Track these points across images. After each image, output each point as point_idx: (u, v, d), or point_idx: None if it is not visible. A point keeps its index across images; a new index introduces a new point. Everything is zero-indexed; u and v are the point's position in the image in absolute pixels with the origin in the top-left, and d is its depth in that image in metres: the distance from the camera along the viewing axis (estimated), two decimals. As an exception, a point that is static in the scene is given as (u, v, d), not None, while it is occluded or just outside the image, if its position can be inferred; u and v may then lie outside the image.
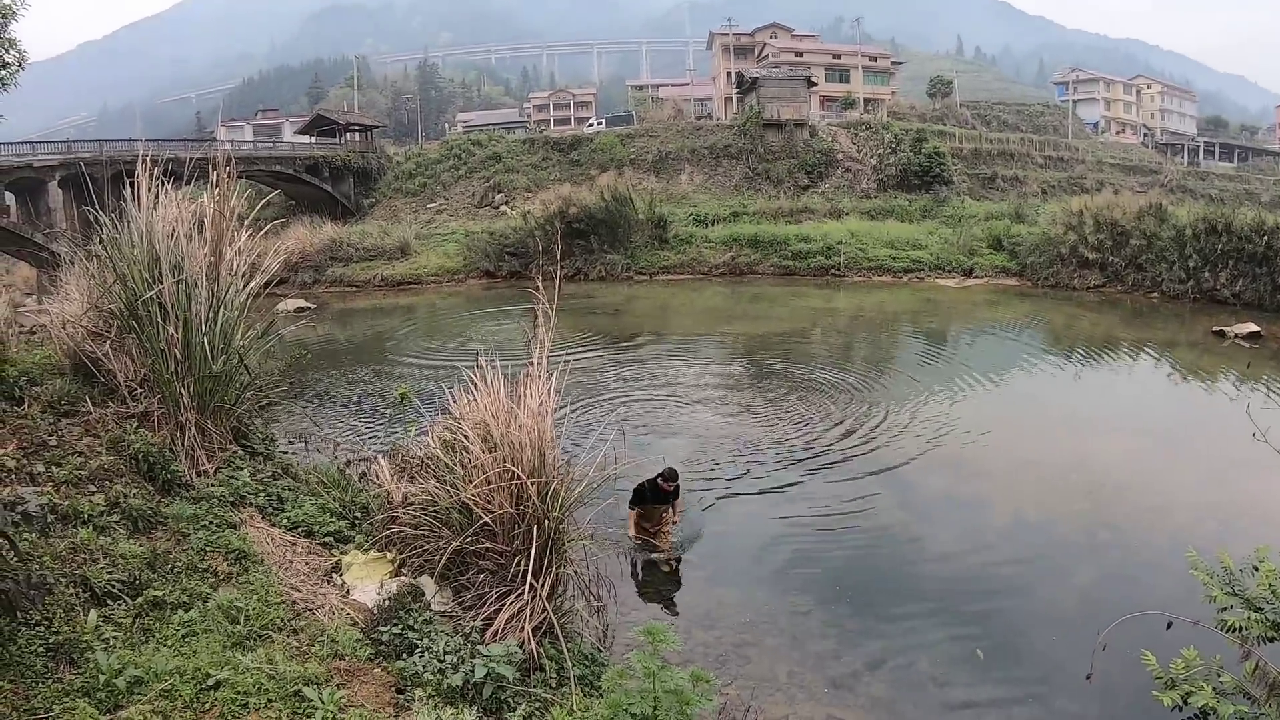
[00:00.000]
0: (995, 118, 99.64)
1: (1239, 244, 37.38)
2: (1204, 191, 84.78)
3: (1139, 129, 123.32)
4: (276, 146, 73.24)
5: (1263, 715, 5.43)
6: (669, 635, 5.96)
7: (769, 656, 9.88)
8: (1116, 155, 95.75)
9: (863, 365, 26.06)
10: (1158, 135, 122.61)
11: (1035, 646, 10.36)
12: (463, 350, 9.61)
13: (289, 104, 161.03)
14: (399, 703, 5.89)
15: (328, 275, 47.67)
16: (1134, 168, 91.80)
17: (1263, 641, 5.81)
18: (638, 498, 12.06)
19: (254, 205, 10.79)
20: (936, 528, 13.74)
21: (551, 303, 8.32)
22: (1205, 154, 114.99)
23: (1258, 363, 26.59)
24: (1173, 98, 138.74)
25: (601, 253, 48.07)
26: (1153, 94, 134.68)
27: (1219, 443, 17.13)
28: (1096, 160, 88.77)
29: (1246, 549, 6.59)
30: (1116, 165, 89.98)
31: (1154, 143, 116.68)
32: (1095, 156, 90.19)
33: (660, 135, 72.06)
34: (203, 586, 6.57)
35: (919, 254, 48.27)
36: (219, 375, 9.22)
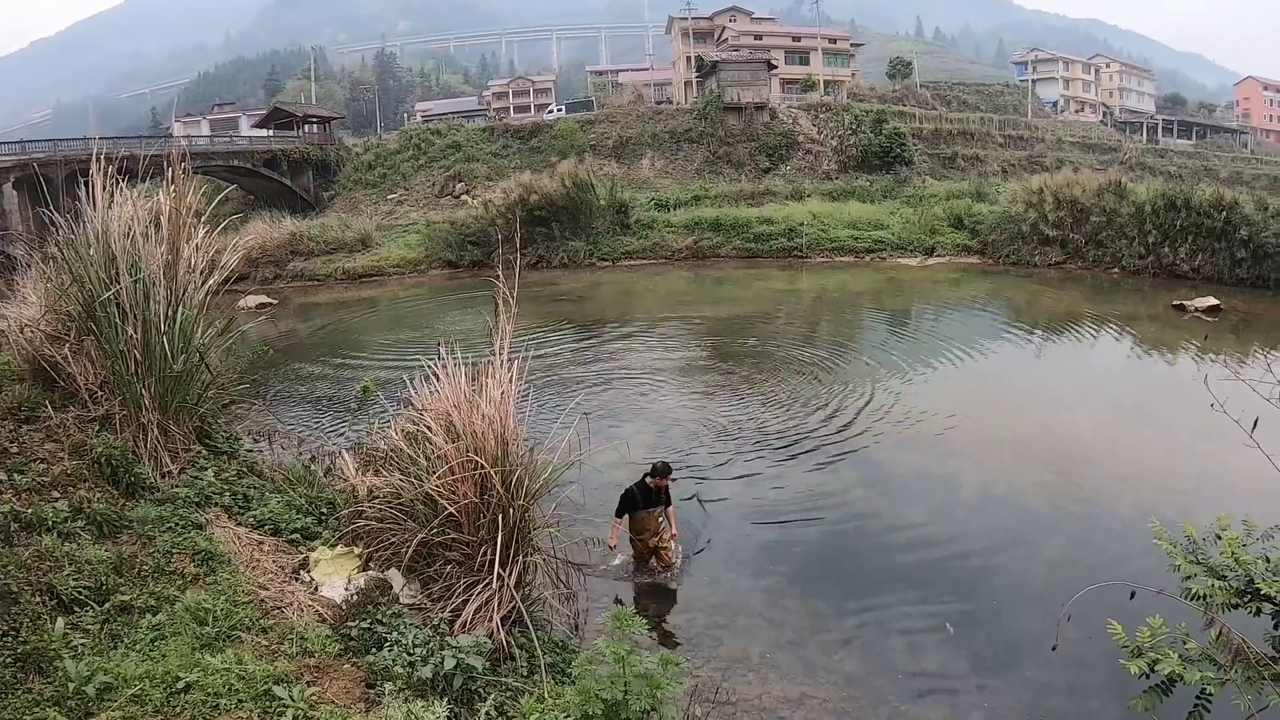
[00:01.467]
0: (955, 98, 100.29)
1: (1198, 219, 38.06)
2: (1163, 168, 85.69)
3: (1098, 108, 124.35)
4: (233, 141, 72.16)
5: (1228, 680, 5.55)
6: (636, 620, 6.02)
7: (741, 637, 9.98)
8: (1076, 134, 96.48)
9: (828, 346, 26.20)
10: (1116, 113, 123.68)
11: (1005, 619, 10.53)
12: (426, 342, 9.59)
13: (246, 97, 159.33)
14: (369, 697, 5.90)
15: (288, 270, 47.13)
16: (1093, 146, 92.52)
17: (1226, 609, 5.91)
18: (627, 504, 11.08)
19: (211, 201, 10.71)
20: (905, 505, 13.89)
21: (512, 291, 8.33)
22: (1164, 132, 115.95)
23: (1218, 335, 27.03)
24: (1131, 76, 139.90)
25: (564, 240, 47.83)
26: (1111, 73, 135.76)
27: (1181, 414, 17.40)
28: (1056, 139, 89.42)
29: (1210, 518, 6.73)
30: (1076, 143, 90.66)
31: (1113, 121, 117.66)
32: (1055, 135, 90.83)
33: (620, 121, 71.80)
34: (170, 589, 6.54)
35: (881, 234, 48.57)
36: (180, 375, 9.13)
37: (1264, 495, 7.53)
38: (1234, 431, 5.34)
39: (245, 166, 63.20)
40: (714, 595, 10.83)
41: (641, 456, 15.06)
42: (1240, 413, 5.34)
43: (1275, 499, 6.44)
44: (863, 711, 8.61)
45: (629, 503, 11.06)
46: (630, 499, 11.06)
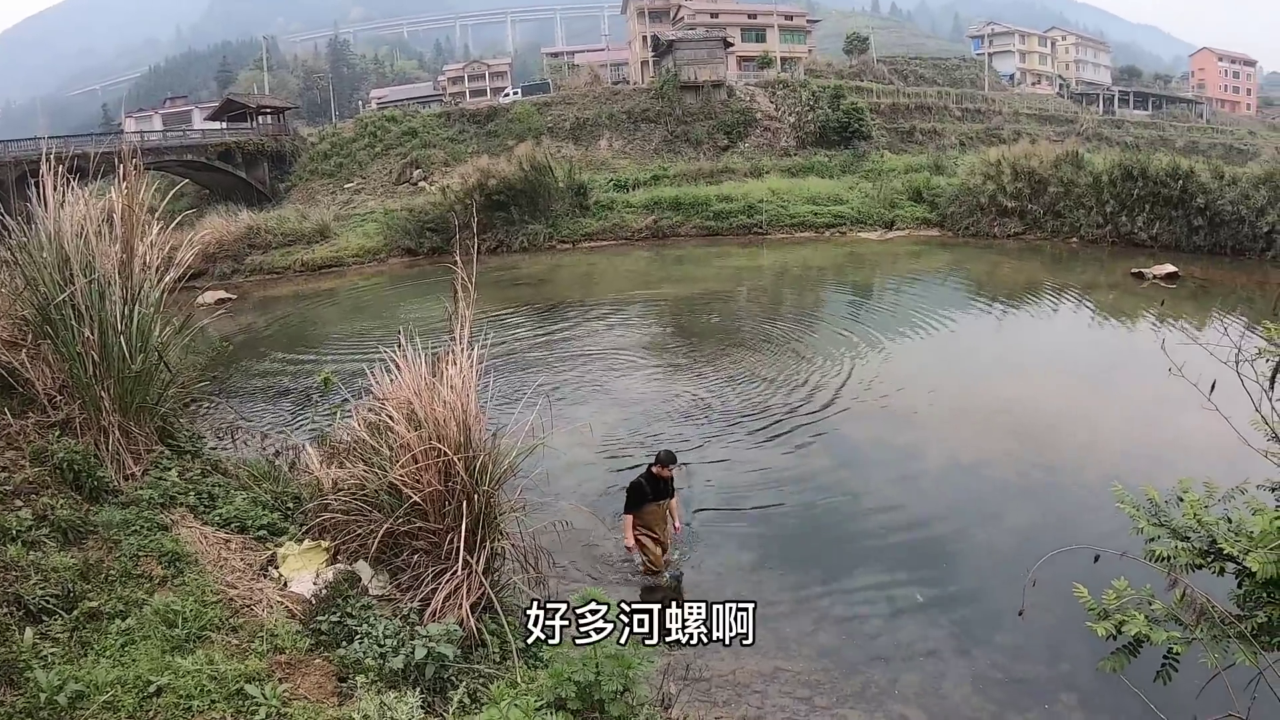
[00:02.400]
0: (912, 72, 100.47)
1: (1155, 188, 38.60)
2: (1119, 139, 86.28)
3: (1054, 80, 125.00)
4: (186, 135, 70.93)
5: (1194, 640, 5.62)
6: (604, 600, 6.04)
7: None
8: (1033, 106, 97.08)
9: (790, 321, 26.34)
10: (1073, 86, 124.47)
11: (973, 586, 10.69)
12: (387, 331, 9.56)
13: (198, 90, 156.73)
14: (342, 691, 5.87)
15: (247, 264, 46.37)
16: (1050, 118, 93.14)
17: (1190, 569, 5.96)
18: (638, 498, 10.40)
19: (165, 197, 10.57)
20: (872, 478, 14.03)
21: (471, 277, 8.28)
22: (1120, 103, 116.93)
23: (1177, 301, 27.42)
24: (1087, 49, 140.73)
25: (523, 223, 47.63)
26: (1067, 45, 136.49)
27: (1141, 380, 17.61)
28: (1013, 111, 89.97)
29: (1172, 481, 6.81)
30: (1033, 116, 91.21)
31: (1069, 93, 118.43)
32: (1012, 108, 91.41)
33: (577, 102, 71.50)
34: (138, 593, 6.47)
35: (840, 209, 48.79)
36: (139, 375, 8.96)
37: (1224, 457, 7.63)
38: (1193, 395, 5.41)
39: (199, 161, 62.24)
40: (685, 573, 10.87)
41: (603, 436, 15.17)
42: (1198, 376, 5.41)
43: (1235, 461, 6.52)
44: (836, 683, 8.70)
45: (640, 496, 10.41)
46: (640, 492, 10.41)
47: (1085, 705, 8.31)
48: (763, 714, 8.23)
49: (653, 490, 10.45)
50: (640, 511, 10.43)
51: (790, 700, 8.45)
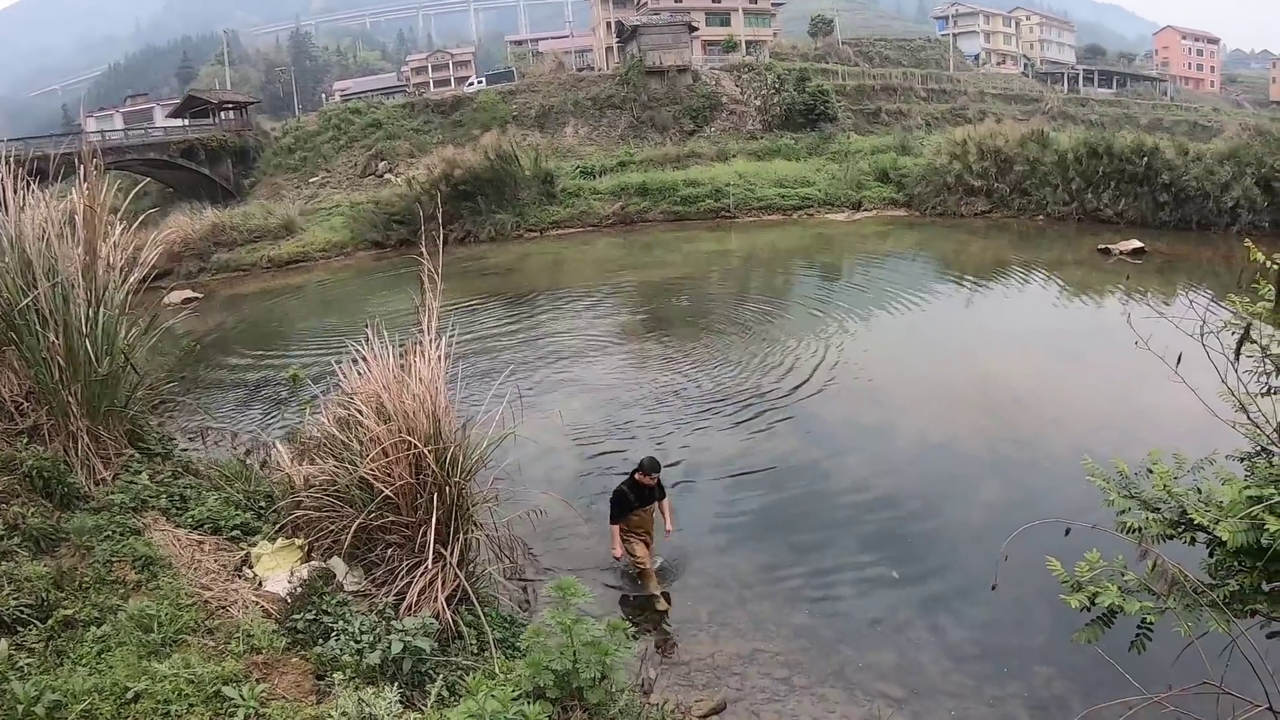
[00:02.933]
0: (878, 54, 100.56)
1: (1120, 165, 39.05)
2: (1084, 117, 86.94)
3: (1019, 59, 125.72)
4: (148, 133, 69.80)
5: (1167, 609, 5.67)
6: (579, 588, 6.04)
7: (690, 597, 10.09)
8: (998, 85, 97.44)
9: (760, 305, 26.40)
10: (1038, 65, 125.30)
11: (947, 562, 10.77)
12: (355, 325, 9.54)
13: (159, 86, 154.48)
14: (320, 689, 5.86)
15: (213, 262, 45.79)
16: (1015, 97, 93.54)
17: (1161, 540, 6.02)
18: (622, 507, 10.12)
19: (128, 197, 10.44)
20: (845, 457, 14.10)
21: (438, 268, 8.23)
22: (1085, 81, 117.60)
23: (1143, 276, 27.69)
24: (1051, 28, 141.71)
25: (490, 213, 47.41)
26: (1031, 25, 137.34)
27: (1109, 355, 17.73)
28: (979, 91, 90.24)
29: (1141, 454, 6.87)
30: (998, 95, 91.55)
31: (1034, 72, 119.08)
32: (977, 87, 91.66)
33: (542, 90, 71.17)
34: (113, 599, 6.43)
35: (807, 191, 48.96)
36: (106, 378, 8.87)
37: (1193, 429, 7.70)
38: (1161, 369, 5.45)
39: (162, 159, 61.55)
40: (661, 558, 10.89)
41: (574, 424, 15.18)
42: (1165, 349, 5.45)
43: (1203, 432, 6.58)
44: (814, 662, 8.76)
45: (624, 505, 10.15)
46: (623, 500, 10.14)
47: (1062, 676, 8.39)
48: (742, 695, 8.27)
49: (637, 497, 10.16)
50: (625, 520, 10.18)
51: (769, 681, 8.49)
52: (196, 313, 30.14)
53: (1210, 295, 21.71)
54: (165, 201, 57.61)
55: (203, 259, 45.79)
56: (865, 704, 8.11)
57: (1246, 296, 6.53)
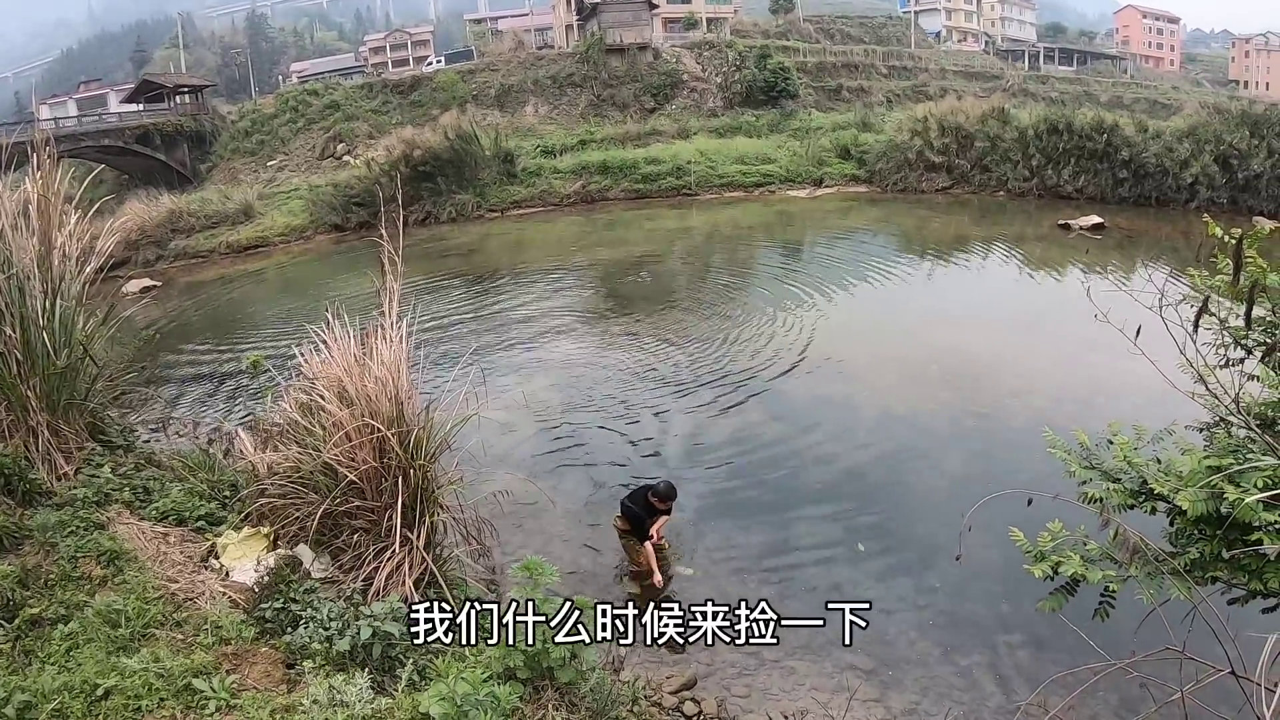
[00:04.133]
0: (839, 31, 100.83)
1: (1080, 142, 39.53)
2: (1045, 94, 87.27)
3: (980, 37, 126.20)
4: (103, 119, 68.44)
5: (1130, 577, 5.75)
6: (546, 567, 6.03)
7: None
8: (959, 63, 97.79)
9: (722, 281, 26.55)
10: (999, 42, 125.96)
11: (913, 534, 10.90)
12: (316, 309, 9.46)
13: (113, 71, 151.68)
14: (290, 678, 5.85)
15: (171, 249, 44.92)
16: (976, 74, 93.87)
17: (1122, 510, 6.11)
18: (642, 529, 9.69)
19: (83, 185, 10.29)
20: (809, 432, 14.17)
21: (398, 250, 8.17)
22: (1045, 59, 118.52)
23: (1103, 251, 28.02)
24: (1013, 6, 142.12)
25: (450, 194, 46.94)
26: (993, 2, 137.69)
27: (1069, 328, 17.91)
28: (940, 68, 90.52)
29: (1102, 425, 6.97)
30: (959, 72, 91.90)
31: (995, 50, 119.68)
32: (938, 65, 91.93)
33: (502, 69, 70.66)
34: (79, 595, 6.39)
35: (769, 168, 48.90)
36: (65, 371, 8.73)
37: (1152, 400, 7.82)
38: (1121, 342, 5.50)
39: (117, 145, 60.49)
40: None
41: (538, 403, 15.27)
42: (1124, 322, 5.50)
43: (1163, 404, 6.66)
44: (782, 636, 8.81)
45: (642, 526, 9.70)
46: (641, 524, 9.69)
47: (1027, 645, 8.52)
48: (712, 670, 8.33)
49: (647, 514, 9.76)
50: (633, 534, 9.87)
51: (739, 656, 8.54)
52: (155, 301, 29.81)
53: (1169, 269, 22.01)
54: (121, 189, 56.72)
55: (160, 246, 45.04)
56: (834, 675, 8.20)
57: (1205, 270, 6.63)
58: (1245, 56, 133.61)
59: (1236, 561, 5.49)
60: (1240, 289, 5.89)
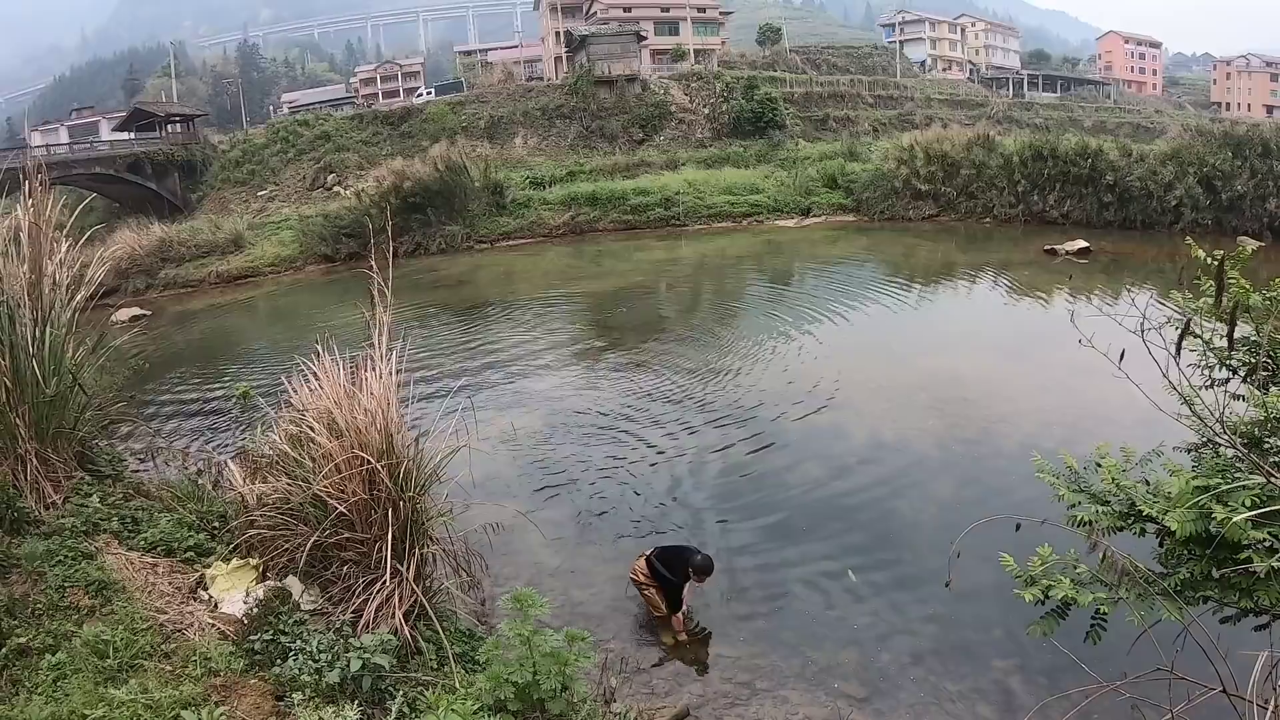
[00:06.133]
0: (825, 61, 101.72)
1: (1065, 167, 40.00)
2: (1029, 121, 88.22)
3: (965, 65, 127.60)
4: (94, 147, 68.73)
5: (1120, 600, 5.76)
6: (536, 599, 6.02)
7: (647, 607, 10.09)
8: (944, 91, 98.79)
9: (711, 311, 26.63)
10: (983, 70, 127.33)
11: (903, 561, 10.85)
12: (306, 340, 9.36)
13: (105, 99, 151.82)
14: (279, 710, 5.81)
15: (160, 278, 45.07)
16: (961, 102, 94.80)
17: (1111, 532, 6.14)
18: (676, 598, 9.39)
19: (74, 212, 10.30)
20: (798, 460, 14.13)
21: (387, 281, 8.18)
22: (1029, 86, 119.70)
23: (1089, 275, 28.21)
24: (996, 34, 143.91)
25: (440, 225, 47.14)
26: (977, 31, 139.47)
27: (1057, 353, 17.92)
28: (925, 97, 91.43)
29: (1089, 449, 7.00)
30: (944, 101, 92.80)
31: (980, 78, 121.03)
32: (924, 94, 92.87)
33: (491, 100, 71.23)
34: (67, 625, 6.34)
35: (757, 198, 49.31)
36: (54, 399, 8.69)
37: (1139, 423, 7.82)
38: (1106, 366, 5.53)
39: (108, 173, 60.67)
40: (617, 567, 10.87)
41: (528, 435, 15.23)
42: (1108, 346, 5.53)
43: (1149, 426, 6.68)
44: (775, 665, 8.79)
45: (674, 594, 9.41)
46: (674, 590, 9.39)
47: (1019, 669, 8.49)
48: (705, 701, 8.29)
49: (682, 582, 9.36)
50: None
51: (731, 686, 8.51)
52: (145, 330, 29.71)
53: (1154, 292, 22.13)
54: (111, 217, 56.72)
55: (150, 275, 45.08)
56: (827, 704, 8.15)
57: (1189, 292, 6.68)
58: (1227, 79, 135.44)
59: (1227, 580, 5.51)
60: (1223, 310, 5.94)
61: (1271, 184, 35.10)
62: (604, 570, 10.82)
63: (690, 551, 9.50)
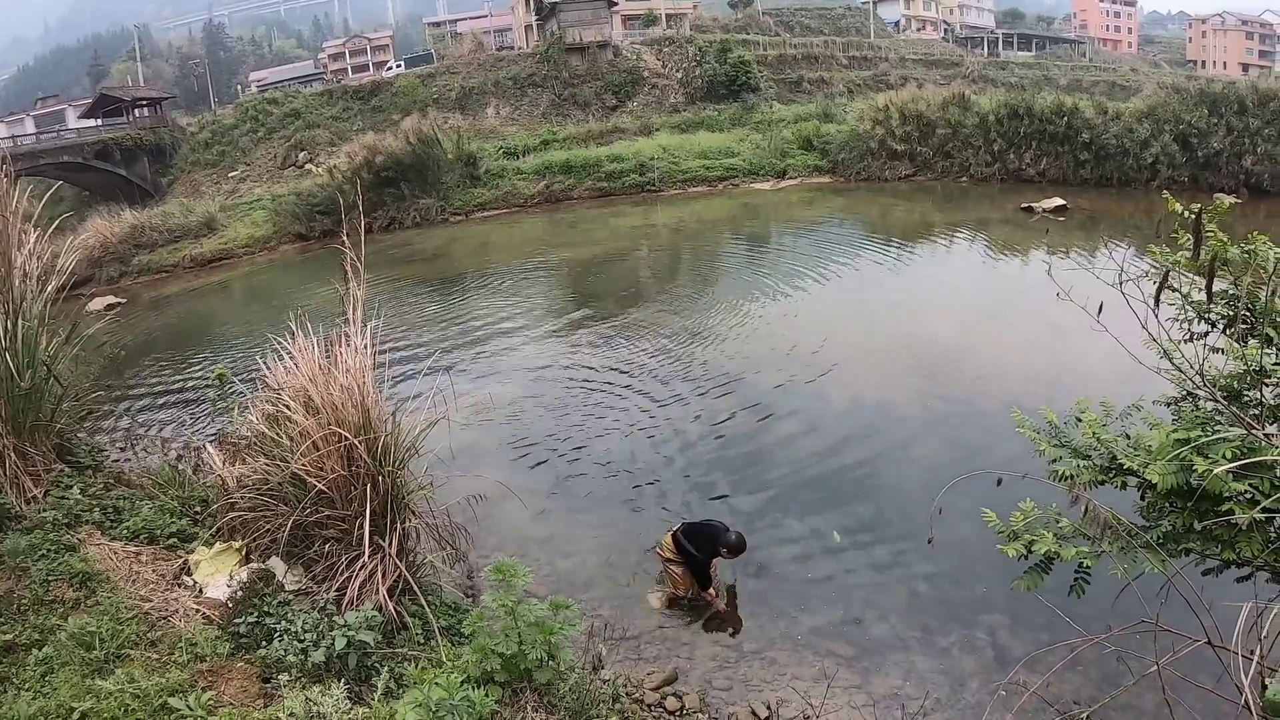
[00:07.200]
0: (798, 23, 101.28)
1: (1040, 126, 40.16)
2: (1004, 80, 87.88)
3: (939, 25, 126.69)
4: (61, 136, 67.70)
5: (1103, 553, 5.79)
6: (518, 569, 6.01)
7: (636, 571, 10.19)
8: (919, 51, 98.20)
9: (689, 276, 26.63)
10: (957, 30, 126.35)
11: (887, 519, 10.95)
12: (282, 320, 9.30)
13: (70, 87, 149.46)
14: (267, 692, 5.82)
15: (134, 265, 44.28)
16: (936, 62, 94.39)
17: (1092, 486, 6.16)
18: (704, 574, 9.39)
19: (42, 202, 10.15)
20: (781, 422, 14.21)
21: (361, 257, 8.10)
22: (1004, 45, 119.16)
23: (1066, 232, 28.33)
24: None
25: (414, 198, 46.62)
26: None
27: (1035, 309, 18.10)
28: (900, 57, 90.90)
29: (1070, 404, 7.02)
30: (919, 61, 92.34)
31: (954, 37, 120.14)
32: (898, 54, 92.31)
33: (462, 71, 70.56)
34: (52, 619, 6.34)
35: (732, 161, 48.99)
36: (29, 392, 8.54)
37: (1119, 378, 7.87)
38: (1086, 322, 5.54)
39: (76, 161, 59.94)
40: (603, 535, 10.92)
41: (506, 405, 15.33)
42: (1087, 300, 5.54)
43: (1130, 380, 6.72)
44: (762, 627, 8.87)
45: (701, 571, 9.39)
46: (701, 568, 9.36)
47: (1005, 624, 8.58)
48: (694, 664, 8.35)
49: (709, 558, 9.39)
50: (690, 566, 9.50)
51: (719, 649, 8.56)
52: (120, 318, 29.44)
53: (1131, 247, 22.22)
54: (82, 205, 56.04)
55: (123, 262, 44.49)
56: (815, 664, 8.23)
57: (1166, 246, 6.68)
58: (1202, 37, 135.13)
59: (1209, 532, 5.53)
60: (1201, 263, 5.94)
61: (1248, 141, 35.26)
62: (589, 538, 10.87)
63: (720, 529, 9.46)
